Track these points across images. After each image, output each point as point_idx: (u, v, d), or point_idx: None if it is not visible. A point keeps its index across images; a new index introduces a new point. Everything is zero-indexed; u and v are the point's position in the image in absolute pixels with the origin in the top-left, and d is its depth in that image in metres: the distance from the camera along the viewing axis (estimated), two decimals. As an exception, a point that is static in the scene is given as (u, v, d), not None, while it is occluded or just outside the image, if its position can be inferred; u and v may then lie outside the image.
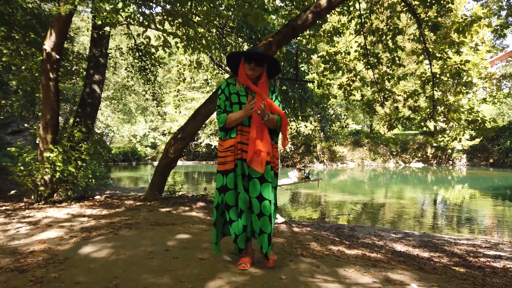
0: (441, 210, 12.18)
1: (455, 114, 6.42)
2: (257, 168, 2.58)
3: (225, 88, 2.79)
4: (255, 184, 2.63)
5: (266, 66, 2.77)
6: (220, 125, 2.76)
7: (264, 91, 2.72)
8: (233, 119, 2.67)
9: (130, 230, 3.98)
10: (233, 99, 2.74)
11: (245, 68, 2.70)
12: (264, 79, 2.75)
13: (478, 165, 30.11)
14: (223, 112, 2.74)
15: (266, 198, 2.62)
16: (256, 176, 2.63)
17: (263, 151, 2.61)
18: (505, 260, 5.15)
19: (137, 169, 30.47)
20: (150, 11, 4.89)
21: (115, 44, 14.67)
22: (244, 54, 2.75)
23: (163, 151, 6.52)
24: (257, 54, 2.69)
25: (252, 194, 2.64)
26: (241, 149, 2.67)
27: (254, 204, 2.64)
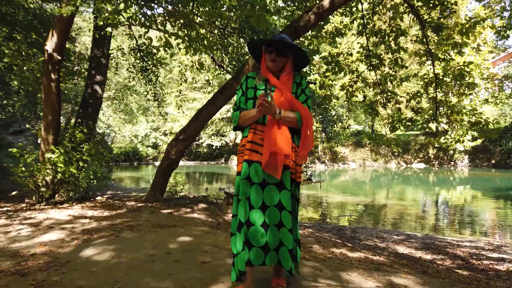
0: (443, 211, 12.13)
1: (458, 116, 6.38)
2: (273, 173, 2.19)
3: (244, 82, 2.46)
4: (272, 190, 2.22)
5: (292, 56, 2.35)
6: (234, 124, 2.43)
7: (286, 85, 2.31)
8: (246, 117, 2.33)
9: (131, 232, 3.97)
10: (249, 94, 2.39)
11: (266, 58, 2.33)
12: (288, 72, 2.34)
13: (480, 166, 30.02)
14: (237, 109, 2.41)
15: (285, 208, 2.20)
16: (272, 182, 2.23)
17: (280, 153, 2.19)
18: (508, 262, 5.12)
19: (139, 169, 30.46)
20: (152, 12, 4.88)
21: (117, 44, 14.68)
22: (264, 42, 2.37)
23: (164, 152, 6.51)
24: (278, 42, 2.29)
25: (269, 202, 2.22)
26: (250, 149, 2.28)
27: (271, 214, 2.21)
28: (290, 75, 2.35)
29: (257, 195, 2.22)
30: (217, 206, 6.26)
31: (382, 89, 7.15)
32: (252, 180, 2.24)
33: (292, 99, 2.27)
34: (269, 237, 2.20)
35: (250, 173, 2.25)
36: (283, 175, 2.23)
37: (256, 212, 2.21)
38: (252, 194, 2.22)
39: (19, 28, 8.10)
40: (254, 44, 2.45)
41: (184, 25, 4.80)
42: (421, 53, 6.52)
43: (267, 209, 2.21)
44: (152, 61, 10.36)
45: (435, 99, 6.28)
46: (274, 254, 2.22)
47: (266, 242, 2.19)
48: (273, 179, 2.22)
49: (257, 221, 2.21)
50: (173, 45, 6.52)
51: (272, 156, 2.19)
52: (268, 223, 2.21)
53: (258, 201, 2.22)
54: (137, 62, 10.84)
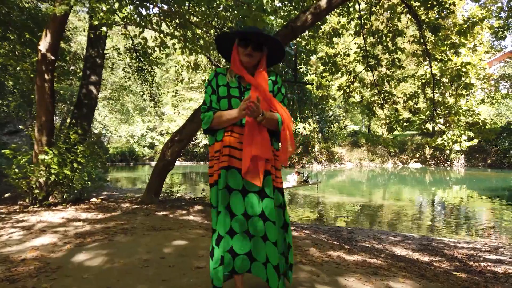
0: (440, 211, 12.13)
1: (456, 117, 6.35)
2: (253, 181, 1.97)
3: (213, 79, 2.17)
4: (253, 199, 1.99)
5: (267, 50, 2.16)
6: (205, 127, 2.13)
7: (262, 82, 2.10)
8: (223, 119, 2.05)
9: (125, 235, 3.90)
10: (221, 92, 2.12)
11: (240, 53, 2.09)
12: (264, 68, 2.15)
13: (476, 165, 30.12)
14: (208, 109, 2.13)
15: (269, 219, 1.97)
16: (253, 190, 2.00)
17: (261, 157, 1.99)
18: (505, 264, 5.10)
19: (135, 170, 30.35)
20: (147, 12, 4.81)
21: (112, 44, 14.58)
22: (238, 35, 2.12)
23: (160, 153, 6.44)
24: (256, 34, 2.07)
25: (251, 211, 1.99)
26: (228, 154, 2.03)
27: (255, 224, 1.99)
28: (265, 71, 2.15)
29: (238, 202, 2.01)
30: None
31: (379, 89, 7.11)
32: (232, 187, 2.02)
33: (271, 99, 2.10)
34: (254, 247, 2.00)
35: (229, 181, 2.02)
36: (265, 181, 2.01)
37: (238, 219, 2.01)
38: (232, 201, 2.01)
39: (13, 28, 8.01)
40: (226, 37, 2.20)
41: (180, 25, 4.74)
42: (418, 53, 6.50)
43: (250, 218, 2.00)
44: (148, 61, 10.29)
45: (432, 100, 6.25)
46: (262, 267, 2.00)
47: (250, 252, 2.01)
48: (253, 186, 1.99)
49: (240, 228, 2.01)
50: (168, 45, 6.46)
51: (253, 161, 1.98)
52: (252, 232, 2.00)
53: (240, 208, 2.01)
54: (133, 62, 10.76)
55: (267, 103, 2.07)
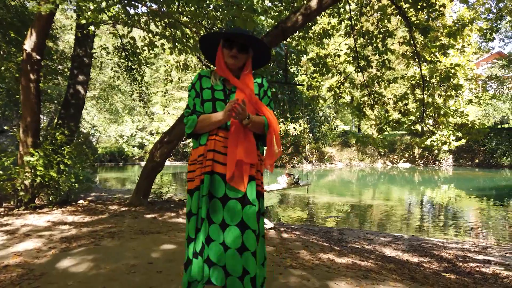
0: (429, 211, 12.23)
1: (445, 118, 6.40)
2: (237, 186, 1.89)
3: (196, 82, 2.09)
4: (234, 207, 1.89)
5: (253, 52, 2.10)
6: (188, 131, 2.04)
7: (248, 85, 2.04)
8: (207, 123, 1.98)
9: (112, 239, 3.82)
10: (205, 95, 2.04)
11: (225, 54, 2.03)
12: (249, 70, 2.09)
13: (464, 165, 30.51)
14: (192, 113, 2.05)
15: (250, 227, 1.87)
16: (234, 197, 1.90)
17: (246, 162, 1.92)
18: (494, 265, 5.14)
19: (124, 170, 30.04)
20: (135, 11, 4.73)
21: (101, 43, 14.39)
22: (222, 36, 2.05)
23: (149, 154, 6.35)
24: (241, 36, 2.01)
25: (230, 220, 1.88)
26: (212, 159, 1.94)
27: (232, 235, 1.87)
28: (251, 74, 2.10)
29: (216, 210, 1.91)
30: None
31: (369, 90, 7.12)
32: (213, 194, 1.92)
33: (257, 102, 2.03)
34: (229, 261, 1.85)
35: (210, 187, 1.92)
36: (248, 187, 1.92)
37: (215, 228, 1.89)
38: (211, 209, 1.91)
39: (-2, 26, 7.84)
40: (210, 37, 2.11)
41: (169, 24, 4.67)
42: (408, 55, 6.52)
43: (227, 228, 1.88)
44: (137, 61, 10.16)
45: (422, 101, 6.28)
46: (238, 282, 1.85)
47: (225, 265, 1.86)
48: (235, 193, 1.90)
49: (218, 237, 1.88)
50: (157, 45, 6.37)
51: (238, 166, 1.91)
52: (228, 244, 1.86)
53: (218, 217, 1.90)
54: (121, 61, 10.62)
55: (253, 106, 2.01)
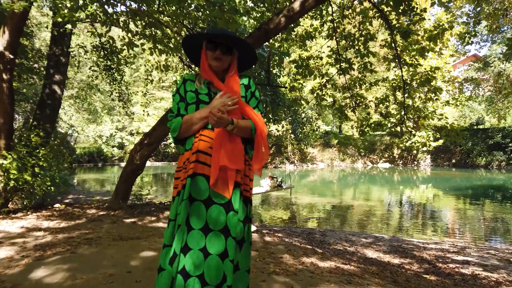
0: (408, 211, 12.44)
1: (425, 120, 6.51)
2: (222, 192, 1.81)
3: (181, 86, 2.04)
4: (218, 211, 1.79)
5: (237, 54, 2.04)
6: (174, 134, 1.97)
7: (234, 88, 1.97)
8: (192, 121, 1.90)
9: (89, 246, 3.69)
10: (189, 98, 1.97)
11: (208, 56, 1.96)
12: (234, 72, 2.02)
13: (442, 165, 31.25)
14: (177, 115, 1.99)
15: (231, 235, 1.78)
16: (219, 203, 1.80)
17: (232, 168, 1.84)
18: (472, 265, 5.23)
19: (103, 171, 29.46)
20: (114, 10, 4.59)
21: (79, 41, 14.02)
22: (205, 36, 1.98)
23: (128, 156, 6.20)
24: (224, 36, 1.94)
25: (214, 225, 1.77)
26: (196, 160, 1.84)
27: (216, 240, 1.76)
28: (237, 75, 2.03)
29: (199, 214, 1.78)
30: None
31: (351, 93, 7.16)
32: (194, 196, 1.80)
33: (243, 105, 1.95)
34: (209, 269, 1.73)
35: (192, 189, 1.80)
36: (233, 193, 1.83)
37: (196, 234, 1.76)
38: (192, 213, 1.78)
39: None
40: (193, 39, 2.04)
41: (149, 24, 4.55)
42: (389, 58, 6.58)
43: (210, 233, 1.76)
44: (117, 60, 9.93)
45: (402, 104, 6.36)
46: None
47: (203, 274, 1.72)
48: (220, 198, 1.80)
49: (197, 245, 1.75)
50: (137, 44, 6.22)
51: (222, 171, 1.82)
52: (209, 250, 1.75)
53: (200, 221, 1.77)
54: (100, 60, 10.36)
55: (238, 110, 1.93)
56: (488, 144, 28.67)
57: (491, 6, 6.83)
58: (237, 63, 2.06)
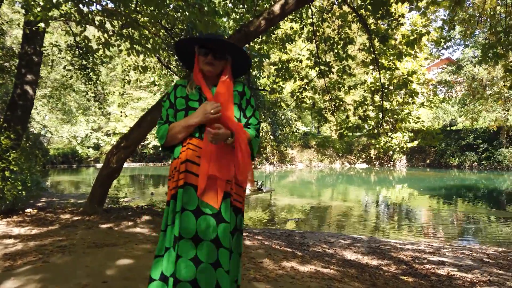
0: (385, 211, 12.68)
1: (402, 124, 6.64)
2: (211, 202, 1.78)
3: (172, 92, 2.00)
4: (208, 221, 1.77)
5: (230, 59, 1.98)
6: (161, 142, 1.96)
7: (226, 93, 1.91)
8: (178, 128, 1.87)
9: (63, 255, 3.55)
10: (178, 104, 1.93)
11: (200, 61, 1.92)
12: (228, 78, 1.95)
13: (416, 165, 32.05)
14: (165, 123, 1.96)
15: (223, 246, 1.76)
16: (209, 213, 1.77)
17: (221, 178, 1.80)
18: (448, 266, 5.34)
19: (78, 172, 28.72)
20: (89, 9, 4.45)
21: (53, 39, 13.59)
22: (198, 41, 1.94)
23: (104, 160, 6.03)
24: (216, 41, 1.89)
25: (204, 235, 1.75)
26: (185, 170, 1.81)
27: (206, 249, 1.74)
28: (230, 81, 1.96)
29: (189, 223, 1.76)
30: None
31: (331, 96, 7.22)
32: (184, 207, 1.78)
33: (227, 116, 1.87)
34: (201, 275, 1.71)
35: (184, 199, 1.78)
36: (223, 204, 1.80)
37: (185, 243, 1.74)
38: (183, 223, 1.76)
39: None
40: (184, 44, 2.01)
41: (126, 25, 4.44)
42: (368, 62, 6.68)
43: (201, 242, 1.75)
44: (92, 60, 9.67)
45: (380, 107, 6.46)
46: None
47: (195, 280, 1.71)
48: (209, 208, 1.77)
49: (187, 254, 1.73)
50: (114, 44, 6.06)
51: (212, 180, 1.78)
52: (201, 259, 1.73)
53: (190, 231, 1.75)
54: (75, 60, 10.06)
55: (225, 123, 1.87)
56: (461, 145, 29.60)
57: (466, 12, 7.05)
58: (231, 68, 2.01)
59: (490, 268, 5.23)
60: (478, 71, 22.40)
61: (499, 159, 27.18)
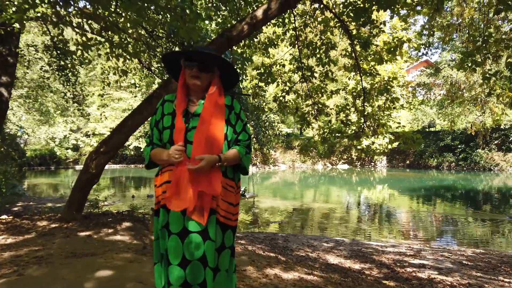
0: (367, 213, 12.83)
1: (384, 129, 6.73)
2: (198, 219, 1.77)
3: (159, 108, 1.96)
4: (195, 241, 1.76)
5: (218, 72, 1.94)
6: (145, 162, 2.02)
7: (213, 108, 1.86)
8: (157, 158, 1.91)
9: (39, 267, 3.43)
10: (165, 122, 1.90)
11: (186, 75, 1.88)
12: (216, 90, 1.90)
13: (397, 166, 32.61)
14: (150, 144, 1.97)
15: (208, 265, 1.76)
16: (195, 230, 1.76)
17: (208, 193, 1.79)
18: (428, 269, 5.43)
19: (57, 174, 28.06)
20: (67, 11, 4.31)
21: (29, 39, 13.20)
22: (183, 55, 1.92)
23: (83, 165, 5.87)
24: (200, 54, 1.86)
25: (190, 255, 1.76)
26: (163, 191, 1.87)
27: (194, 270, 1.75)
28: (219, 94, 1.91)
29: (176, 248, 1.77)
30: (143, 224, 5.81)
31: (313, 101, 7.26)
32: (171, 229, 1.79)
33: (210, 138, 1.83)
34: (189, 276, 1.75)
35: (170, 219, 1.80)
36: (209, 221, 1.79)
37: (174, 270, 1.76)
38: (170, 247, 1.78)
39: None
40: (171, 57, 2.00)
41: (104, 28, 4.32)
42: (350, 68, 6.75)
43: (189, 264, 1.75)
44: (71, 60, 9.43)
45: (362, 112, 6.53)
46: None
47: None
48: (195, 226, 1.77)
49: (177, 281, 1.75)
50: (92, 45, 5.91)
51: (200, 196, 1.78)
52: (190, 281, 1.75)
53: (178, 255, 1.77)
54: (53, 60, 9.79)
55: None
56: (439, 146, 30.27)
57: (445, 19, 7.20)
58: (221, 81, 1.98)
59: (469, 270, 5.34)
60: (456, 75, 22.99)
61: (475, 160, 27.93)
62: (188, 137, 1.83)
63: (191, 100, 1.93)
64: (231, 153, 1.88)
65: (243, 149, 1.94)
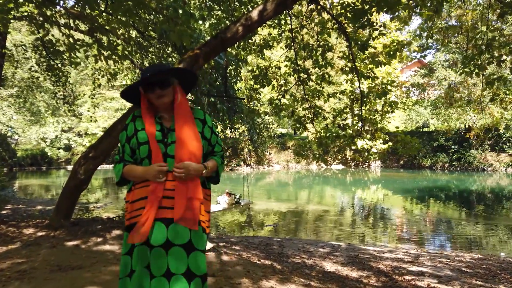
0: (362, 215, 12.74)
1: (381, 133, 6.62)
2: (187, 225, 1.77)
3: (129, 124, 1.95)
4: (178, 254, 1.76)
5: (176, 80, 1.97)
6: (116, 180, 1.98)
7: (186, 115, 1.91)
8: (131, 175, 1.89)
9: (21, 283, 3.23)
10: (140, 138, 1.88)
11: (151, 98, 1.90)
12: (181, 98, 1.94)
13: (391, 166, 32.65)
14: (120, 161, 1.94)
15: (196, 275, 1.76)
16: (179, 243, 1.76)
17: (196, 198, 1.81)
18: (428, 277, 5.31)
19: (48, 175, 27.67)
20: (52, 12, 4.11)
21: (17, 38, 12.89)
22: (140, 83, 1.92)
23: (71, 171, 5.66)
24: (156, 75, 1.87)
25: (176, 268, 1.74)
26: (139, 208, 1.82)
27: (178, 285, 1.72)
28: (185, 104, 1.95)
29: (160, 259, 1.74)
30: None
31: (310, 104, 7.11)
32: (152, 243, 1.74)
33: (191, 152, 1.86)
34: None
35: (153, 234, 1.75)
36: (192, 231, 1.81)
37: (158, 282, 1.72)
38: (152, 260, 1.74)
39: None
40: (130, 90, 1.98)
41: (93, 29, 4.13)
42: (347, 70, 6.60)
43: (173, 277, 1.73)
44: (61, 60, 9.18)
45: (360, 116, 6.40)
46: None
47: None
48: (180, 238, 1.76)
49: None
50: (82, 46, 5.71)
51: (190, 201, 1.79)
52: None
53: (162, 267, 1.73)
54: (42, 60, 9.53)
55: None
56: (433, 146, 30.33)
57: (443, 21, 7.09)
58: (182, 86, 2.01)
59: (469, 278, 5.23)
60: (455, 77, 23.01)
61: (469, 160, 28.02)
62: (168, 151, 1.86)
63: (162, 116, 1.95)
64: (211, 163, 1.96)
65: (220, 159, 2.03)
